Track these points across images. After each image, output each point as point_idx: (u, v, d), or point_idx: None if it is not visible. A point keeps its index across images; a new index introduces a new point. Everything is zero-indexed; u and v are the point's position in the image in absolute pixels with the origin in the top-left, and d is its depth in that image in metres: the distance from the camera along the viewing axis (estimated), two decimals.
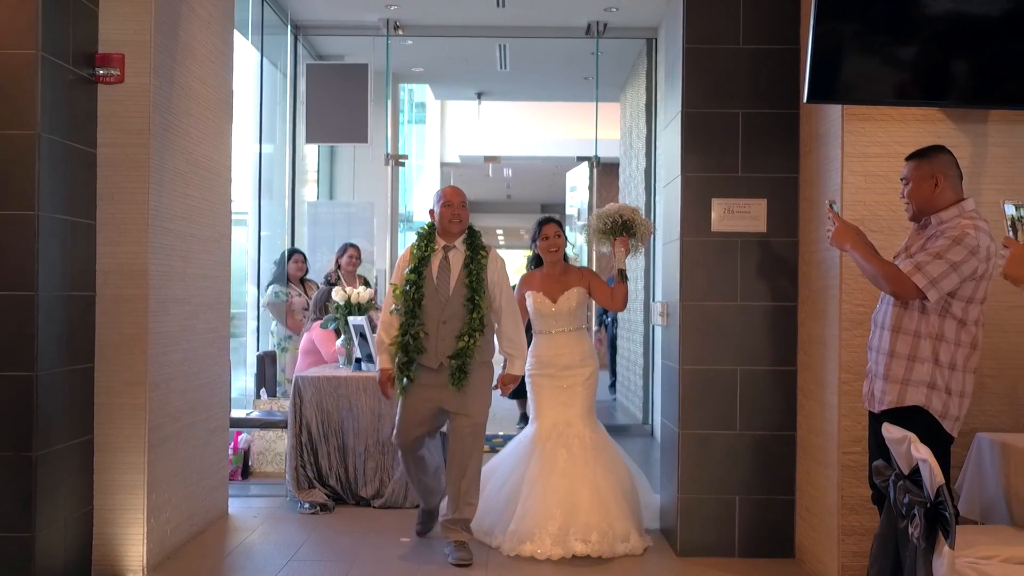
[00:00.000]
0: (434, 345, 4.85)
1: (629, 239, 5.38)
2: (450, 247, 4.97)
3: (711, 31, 4.97)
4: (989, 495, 3.77)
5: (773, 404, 4.94)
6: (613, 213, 5.40)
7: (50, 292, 4.07)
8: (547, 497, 4.99)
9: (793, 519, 4.93)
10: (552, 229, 5.46)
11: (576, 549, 4.86)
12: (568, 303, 5.35)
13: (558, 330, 5.38)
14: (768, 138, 4.94)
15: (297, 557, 4.91)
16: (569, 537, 4.89)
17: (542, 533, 4.90)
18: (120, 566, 4.52)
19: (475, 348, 4.83)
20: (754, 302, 4.96)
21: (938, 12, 4.12)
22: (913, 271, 3.54)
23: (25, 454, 3.95)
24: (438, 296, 4.88)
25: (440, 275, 4.92)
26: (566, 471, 5.06)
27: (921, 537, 2.86)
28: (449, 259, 4.95)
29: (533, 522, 4.94)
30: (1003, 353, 4.25)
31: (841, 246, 3.80)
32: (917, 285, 3.52)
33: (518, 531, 4.95)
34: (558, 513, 4.94)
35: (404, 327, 4.86)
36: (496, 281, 4.96)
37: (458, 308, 4.86)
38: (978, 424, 4.13)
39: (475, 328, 4.82)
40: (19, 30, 3.95)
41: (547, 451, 5.17)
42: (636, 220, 5.39)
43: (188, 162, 5.04)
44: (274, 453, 6.93)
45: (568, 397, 5.31)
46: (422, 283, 4.88)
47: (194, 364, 5.16)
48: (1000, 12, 4.10)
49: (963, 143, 4.29)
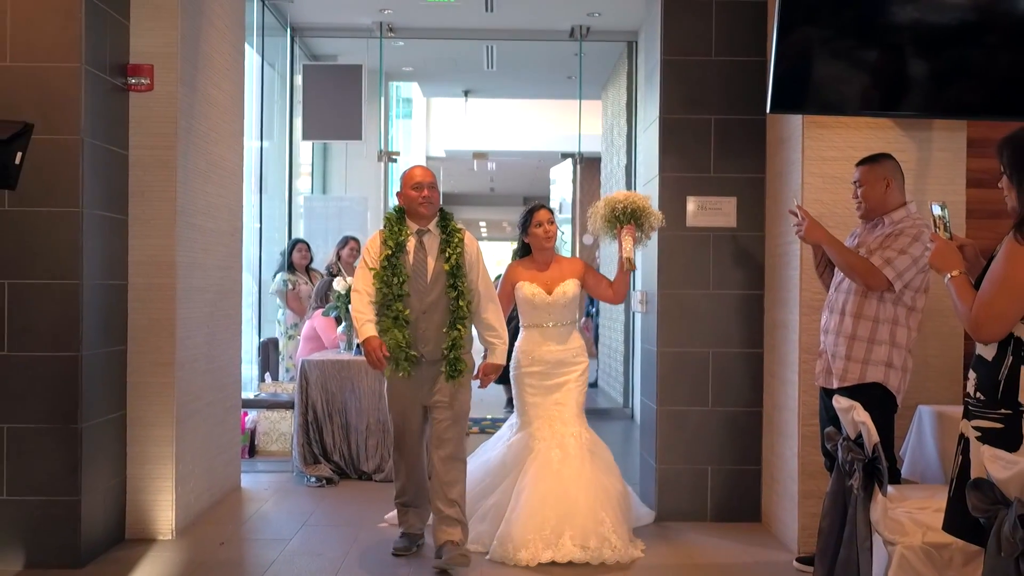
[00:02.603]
0: (414, 338, 4.53)
1: (636, 229, 5.06)
2: (424, 231, 4.64)
3: (686, 44, 5.45)
4: (928, 459, 4.29)
5: (741, 383, 5.44)
6: (623, 200, 5.06)
7: (92, 281, 4.52)
8: (544, 501, 4.68)
9: (759, 486, 5.44)
10: (545, 215, 5.12)
11: (574, 555, 4.57)
12: (564, 295, 5.02)
13: (551, 324, 5.03)
14: (738, 142, 5.44)
15: (309, 523, 5.38)
16: (566, 542, 4.59)
17: (536, 539, 4.58)
18: (152, 529, 4.98)
19: (466, 337, 4.60)
20: (725, 291, 5.46)
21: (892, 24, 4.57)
22: (884, 265, 4.09)
23: (72, 426, 4.41)
24: (417, 284, 4.55)
25: (416, 262, 4.58)
26: (561, 473, 4.79)
27: (860, 488, 3.36)
28: (424, 244, 4.62)
29: (529, 527, 4.62)
30: (945, 336, 4.78)
31: (814, 240, 4.32)
32: (887, 277, 4.06)
33: (511, 535, 4.61)
34: (553, 517, 4.64)
35: (393, 311, 4.51)
36: (473, 265, 4.65)
37: (439, 296, 4.55)
38: (922, 399, 4.64)
39: (463, 316, 4.54)
40: (66, 45, 4.39)
41: (541, 452, 4.88)
42: (647, 210, 5.08)
43: (207, 162, 5.49)
44: (279, 433, 7.39)
45: (561, 396, 5.01)
46: (403, 266, 4.54)
47: (212, 347, 5.62)
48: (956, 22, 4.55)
49: (910, 148, 4.81)
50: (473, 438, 6.99)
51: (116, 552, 4.73)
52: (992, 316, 2.88)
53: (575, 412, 5.02)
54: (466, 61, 11.13)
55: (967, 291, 2.99)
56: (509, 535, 4.62)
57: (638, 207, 5.04)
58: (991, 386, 2.91)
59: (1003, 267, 2.87)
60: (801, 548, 4.73)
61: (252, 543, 5.08)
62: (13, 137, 3.72)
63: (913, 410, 4.50)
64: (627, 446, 7.75)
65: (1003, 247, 2.90)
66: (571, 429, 4.96)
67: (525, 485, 4.77)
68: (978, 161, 4.77)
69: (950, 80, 4.60)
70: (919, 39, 4.57)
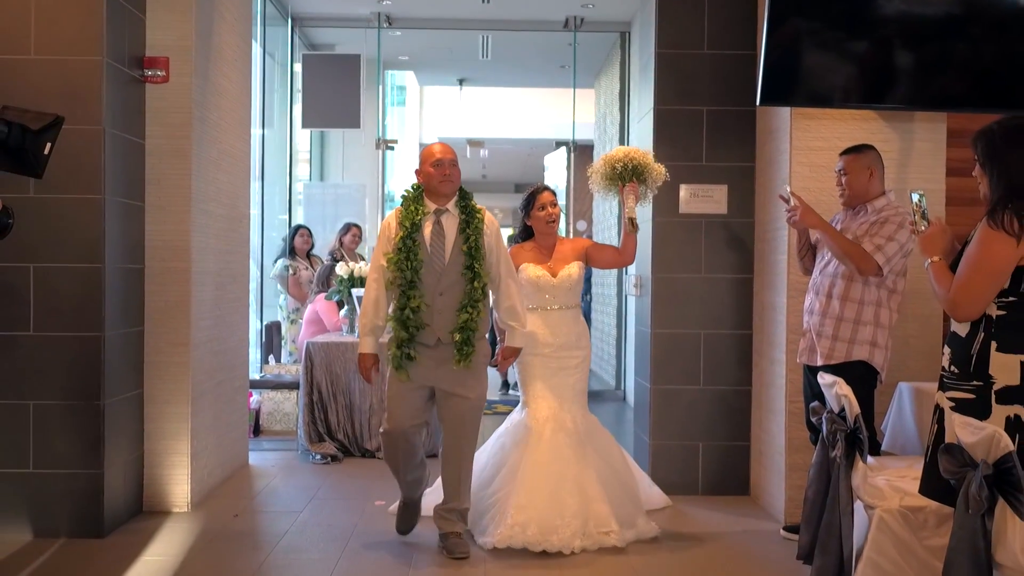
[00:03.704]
0: (430, 319, 4.42)
1: (639, 185, 4.97)
2: (442, 211, 4.52)
3: (679, 38, 5.67)
4: (907, 433, 4.55)
5: (731, 362, 5.69)
6: (623, 157, 4.95)
7: (113, 264, 4.74)
8: (545, 484, 4.64)
9: (748, 461, 5.70)
10: (548, 197, 5.04)
11: (575, 543, 4.52)
12: (569, 278, 4.96)
13: (555, 307, 4.97)
14: (728, 132, 5.67)
15: (317, 497, 5.62)
16: (567, 527, 4.55)
17: (537, 523, 4.54)
18: (168, 502, 5.21)
19: (479, 320, 4.48)
20: (716, 274, 5.70)
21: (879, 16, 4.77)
22: (875, 251, 4.35)
23: (95, 403, 4.63)
24: (433, 265, 4.43)
25: (434, 242, 4.46)
26: (562, 456, 4.75)
27: (843, 457, 3.61)
28: (443, 224, 4.50)
29: (530, 511, 4.57)
30: (924, 318, 5.03)
31: (810, 225, 4.55)
32: (878, 263, 4.30)
33: (513, 520, 4.55)
34: (555, 501, 4.60)
35: (403, 300, 4.42)
36: (493, 247, 4.55)
37: (456, 278, 4.44)
38: (903, 376, 4.88)
39: (477, 299, 4.44)
40: (88, 39, 4.59)
41: (546, 436, 4.81)
42: (648, 165, 4.96)
43: (219, 151, 5.70)
44: (282, 413, 7.60)
45: (563, 379, 4.95)
46: (418, 249, 4.43)
47: (223, 329, 5.84)
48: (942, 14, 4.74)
49: (893, 138, 5.05)
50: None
51: (135, 523, 4.96)
52: (969, 297, 3.12)
53: (577, 396, 4.98)
54: (462, 50, 11.33)
55: (945, 275, 3.23)
56: (510, 519, 4.56)
57: (638, 163, 4.93)
58: (964, 360, 3.15)
59: (978, 250, 3.12)
60: (788, 518, 4.99)
61: (265, 515, 5.31)
62: (44, 128, 3.90)
63: (894, 387, 4.75)
64: (619, 426, 8.00)
65: (978, 232, 3.15)
66: (572, 413, 4.92)
67: (526, 468, 4.72)
68: (958, 151, 5.00)
69: (934, 72, 4.79)
70: (905, 31, 4.77)
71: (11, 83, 4.49)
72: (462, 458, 4.56)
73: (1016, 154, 3.15)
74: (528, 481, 4.67)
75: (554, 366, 4.95)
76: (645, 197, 5.08)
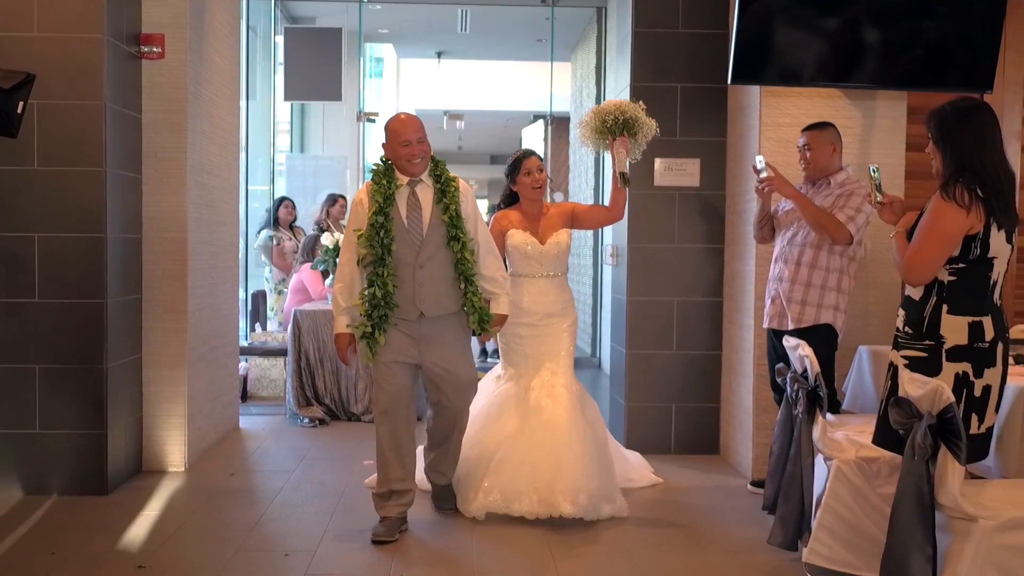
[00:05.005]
0: (411, 294, 4.31)
1: (630, 139, 4.90)
2: (416, 181, 4.39)
3: (654, 17, 5.91)
4: (866, 393, 4.85)
5: (703, 328, 5.99)
6: (613, 110, 4.86)
7: (114, 234, 4.95)
8: (535, 451, 4.59)
9: (718, 422, 6.01)
10: (535, 163, 4.91)
11: (564, 510, 4.45)
12: (557, 245, 4.91)
13: (543, 274, 4.92)
14: (701, 108, 5.92)
15: (308, 457, 5.87)
16: (556, 496, 4.48)
17: (529, 490, 4.50)
18: (165, 462, 5.45)
19: (478, 292, 4.44)
20: (688, 244, 5.97)
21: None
22: (847, 221, 4.62)
23: (98, 366, 4.86)
24: (410, 238, 4.32)
25: (411, 215, 4.35)
26: (550, 424, 4.65)
27: (804, 412, 3.91)
28: (418, 195, 4.39)
29: (517, 480, 4.54)
30: (883, 286, 5.34)
31: (785, 195, 4.81)
32: (850, 232, 4.59)
33: (500, 487, 4.55)
34: (546, 468, 4.53)
35: (372, 278, 4.29)
36: (470, 215, 4.45)
37: (436, 249, 4.35)
38: (863, 340, 5.18)
39: (470, 271, 4.39)
40: (89, 17, 4.78)
41: (530, 401, 4.77)
42: (639, 118, 4.88)
43: (211, 124, 5.90)
44: (269, 380, 7.84)
45: (551, 346, 4.90)
46: (391, 225, 4.30)
47: (216, 297, 6.06)
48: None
49: (856, 115, 5.33)
50: None
51: (136, 482, 5.21)
52: (921, 262, 3.42)
53: (565, 363, 4.90)
54: (440, 24, 11.51)
55: (904, 244, 3.52)
56: (497, 487, 4.55)
57: (630, 116, 4.84)
58: (917, 321, 3.45)
59: (930, 220, 3.41)
60: (755, 474, 5.30)
61: (259, 474, 5.57)
62: (16, 87, 3.97)
63: (854, 351, 5.05)
64: (595, 391, 8.25)
65: (931, 203, 3.44)
66: (561, 380, 4.82)
67: (516, 436, 4.67)
68: (917, 127, 5.17)
69: (899, 52, 5.07)
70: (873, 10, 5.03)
71: (15, 60, 4.64)
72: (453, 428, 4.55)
73: (967, 132, 3.44)
74: (502, 449, 4.66)
75: (540, 333, 4.89)
76: (635, 150, 4.98)
